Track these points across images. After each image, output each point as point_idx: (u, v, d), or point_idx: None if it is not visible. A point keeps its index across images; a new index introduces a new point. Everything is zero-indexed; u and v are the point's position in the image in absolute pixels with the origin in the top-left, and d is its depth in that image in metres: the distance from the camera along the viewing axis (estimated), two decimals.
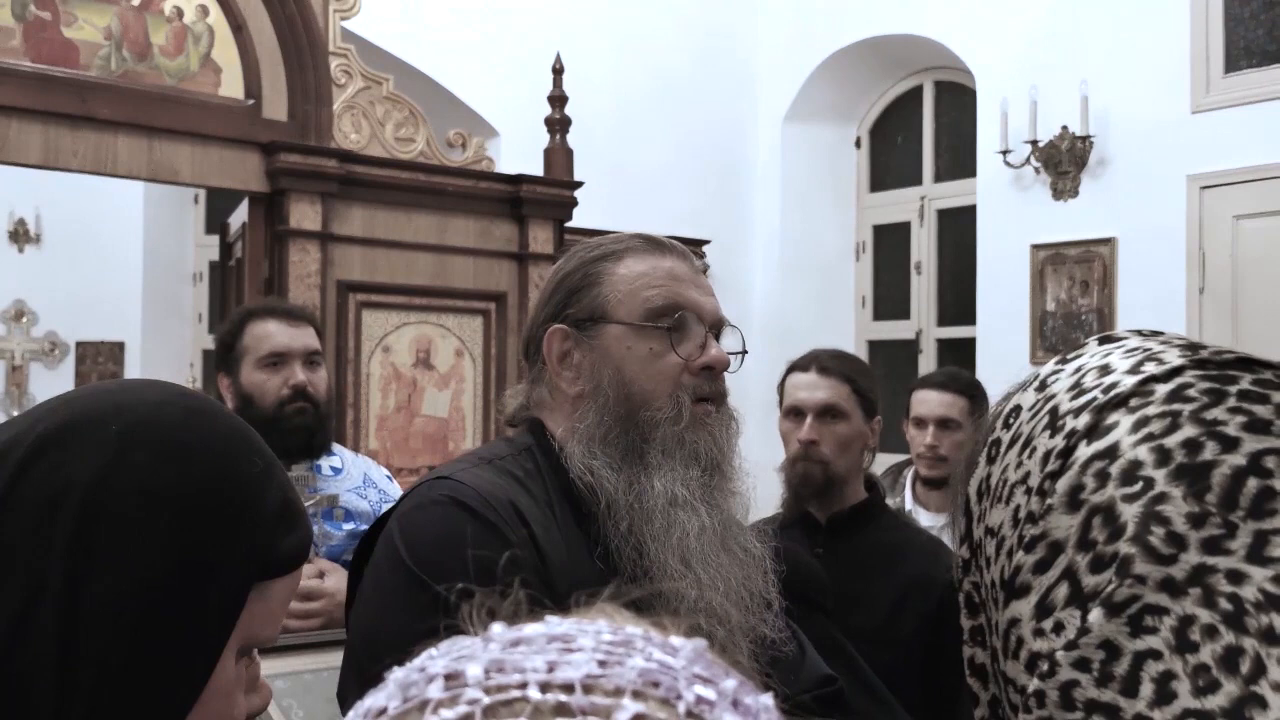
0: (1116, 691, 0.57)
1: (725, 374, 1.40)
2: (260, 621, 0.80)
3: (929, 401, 2.92)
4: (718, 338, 1.39)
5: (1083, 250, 5.45)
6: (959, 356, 6.34)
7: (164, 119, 3.53)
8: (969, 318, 6.13)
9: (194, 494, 0.76)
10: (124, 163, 3.51)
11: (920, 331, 6.61)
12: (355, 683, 1.22)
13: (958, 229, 6.43)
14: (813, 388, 2.22)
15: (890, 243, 6.86)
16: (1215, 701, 0.55)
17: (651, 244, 1.42)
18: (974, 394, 2.91)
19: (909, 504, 3.06)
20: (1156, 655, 0.57)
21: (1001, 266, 5.76)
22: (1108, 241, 5.37)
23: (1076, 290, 5.47)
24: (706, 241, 6.17)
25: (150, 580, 0.73)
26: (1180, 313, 5.01)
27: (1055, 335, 5.54)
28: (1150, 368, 0.65)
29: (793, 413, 2.24)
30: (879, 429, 2.29)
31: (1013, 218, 5.73)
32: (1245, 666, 0.55)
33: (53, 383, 6.62)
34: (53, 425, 0.77)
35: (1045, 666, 0.60)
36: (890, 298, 6.84)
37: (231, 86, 3.71)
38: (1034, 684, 0.60)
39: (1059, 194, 5.53)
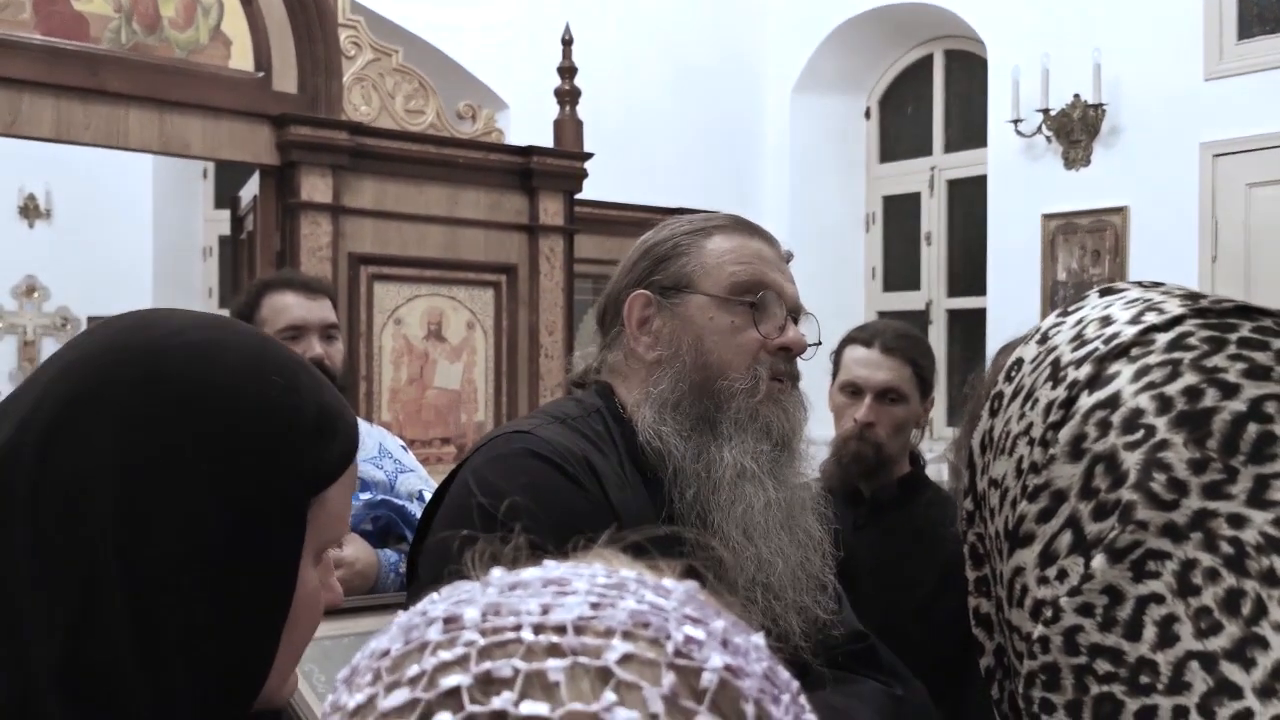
0: (1120, 635, 0.58)
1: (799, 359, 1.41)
2: (325, 527, 0.80)
3: None
4: (795, 323, 1.40)
5: (1094, 219, 5.43)
6: (969, 327, 6.33)
7: (175, 92, 3.54)
8: (979, 288, 6.12)
9: (224, 435, 0.74)
10: (135, 136, 3.52)
11: (930, 302, 6.60)
12: None
13: (968, 199, 6.41)
14: (874, 367, 2.15)
15: (900, 213, 6.83)
16: (1217, 643, 0.56)
17: (741, 224, 1.44)
18: None
19: None
20: (1159, 599, 0.57)
21: (1012, 236, 5.74)
22: (1120, 210, 5.34)
23: (1088, 259, 5.45)
24: (715, 213, 6.15)
25: (206, 531, 0.72)
26: (1193, 281, 4.99)
27: (1067, 305, 5.51)
28: (1151, 317, 0.65)
29: (850, 389, 2.18)
30: (931, 407, 2.25)
31: (1024, 187, 5.71)
32: (1246, 608, 0.56)
33: None
34: (59, 402, 0.74)
35: (1049, 613, 0.61)
36: (900, 269, 6.82)
37: (241, 59, 3.71)
38: (1038, 630, 0.61)
39: (1071, 163, 5.50)
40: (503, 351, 4.25)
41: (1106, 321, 0.67)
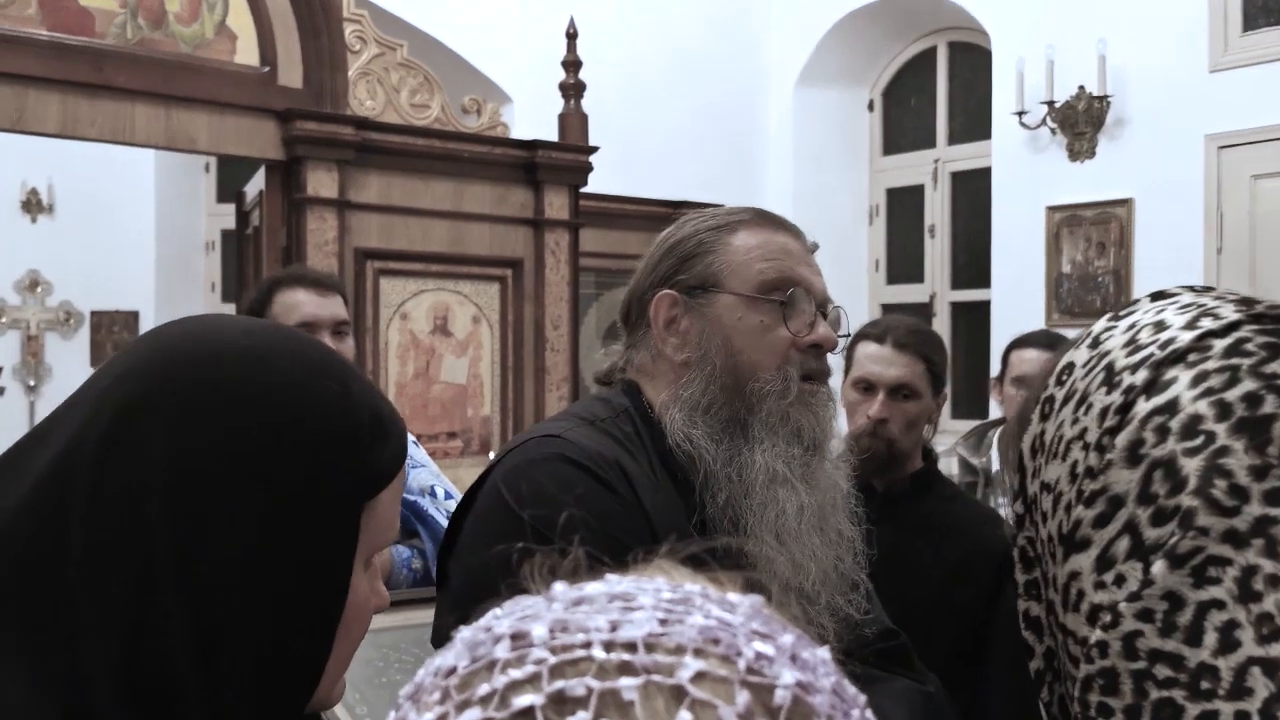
0: (1180, 641, 0.58)
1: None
2: (376, 532, 0.80)
3: (1033, 361, 2.84)
4: (824, 317, 1.38)
5: (1099, 211, 5.43)
6: (973, 320, 6.33)
7: (180, 87, 3.53)
8: (983, 281, 6.11)
9: (279, 440, 0.74)
10: (141, 131, 3.51)
11: (934, 295, 6.60)
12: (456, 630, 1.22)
13: (972, 192, 6.40)
14: (886, 363, 2.13)
15: (904, 206, 6.83)
16: (1279, 649, 0.56)
17: (766, 218, 1.42)
18: None
19: (996, 465, 3.00)
20: (1220, 605, 0.57)
21: (1016, 229, 5.74)
22: (1124, 202, 5.34)
23: (1093, 252, 5.45)
24: (718, 205, 6.14)
25: (261, 537, 0.72)
26: (1198, 273, 4.99)
27: (1071, 298, 5.52)
28: (1207, 323, 0.65)
29: (862, 385, 2.16)
30: (944, 402, 2.24)
31: (1028, 179, 5.70)
32: None
33: (68, 352, 6.65)
34: (115, 411, 0.74)
35: (1108, 618, 0.61)
36: (904, 261, 6.82)
37: (247, 54, 3.70)
38: (1096, 635, 0.61)
39: (1075, 155, 5.49)
40: (508, 346, 4.25)
41: (1161, 326, 0.67)
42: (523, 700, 0.42)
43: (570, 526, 0.78)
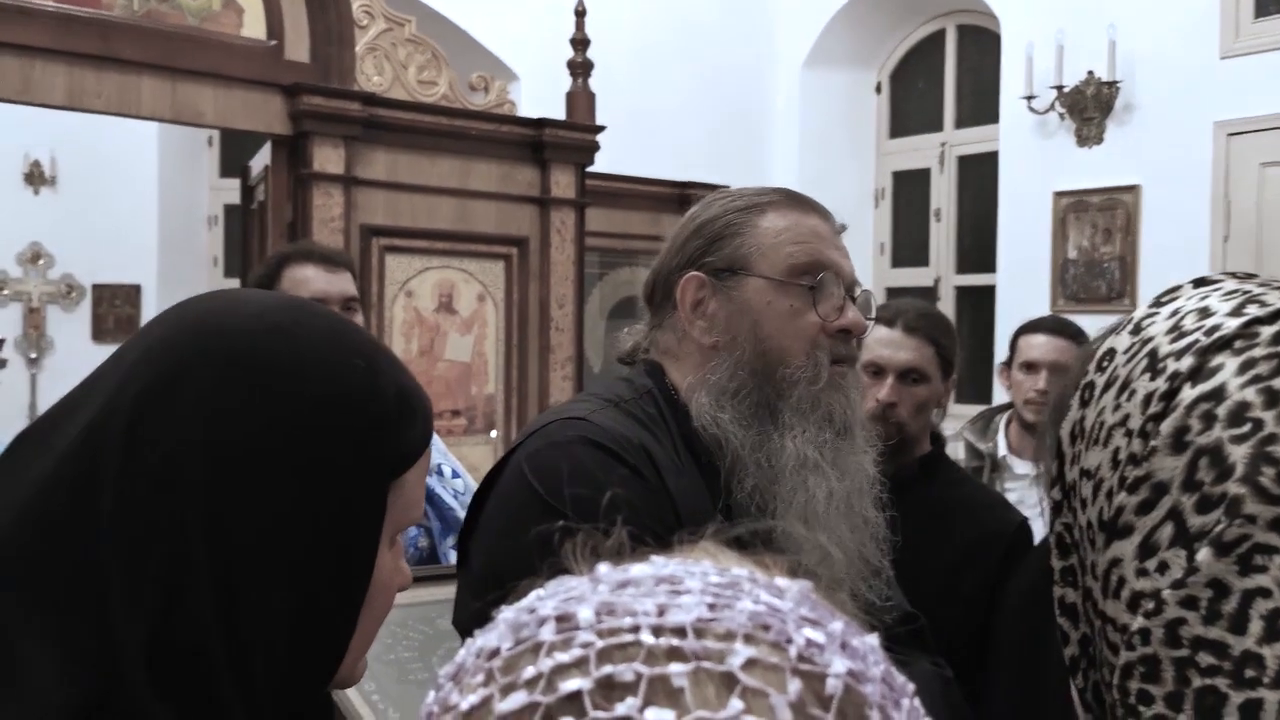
0: (1224, 629, 0.58)
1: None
2: (402, 511, 0.80)
3: (1042, 346, 2.83)
4: (852, 301, 1.37)
5: (1106, 198, 5.41)
6: (978, 304, 6.33)
7: (187, 60, 3.51)
8: (988, 265, 6.10)
9: (309, 417, 0.74)
10: (148, 104, 3.49)
11: (939, 279, 6.59)
12: (478, 612, 1.21)
13: (979, 176, 6.38)
14: (896, 347, 2.11)
15: (910, 189, 6.81)
16: None
17: (795, 200, 1.40)
18: (1083, 341, 2.84)
19: (1002, 450, 3.00)
20: (1266, 593, 0.57)
21: (1023, 214, 5.73)
22: (1132, 189, 5.33)
23: (1099, 238, 5.44)
24: (724, 187, 6.12)
25: (291, 513, 0.72)
26: (1204, 261, 4.98)
27: (1076, 283, 5.51)
28: (1253, 310, 0.65)
29: (871, 368, 2.13)
30: (953, 386, 2.23)
31: (1035, 164, 5.68)
32: None
33: (70, 326, 6.64)
34: (144, 384, 0.74)
35: (1150, 605, 0.60)
36: (909, 245, 6.81)
37: (253, 27, 3.68)
38: (1138, 622, 0.61)
39: (1083, 140, 5.47)
40: (513, 324, 4.24)
41: (1205, 313, 0.66)
42: (570, 685, 0.41)
43: (613, 507, 0.79)
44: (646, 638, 0.43)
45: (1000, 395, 3.89)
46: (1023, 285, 5.65)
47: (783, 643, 0.43)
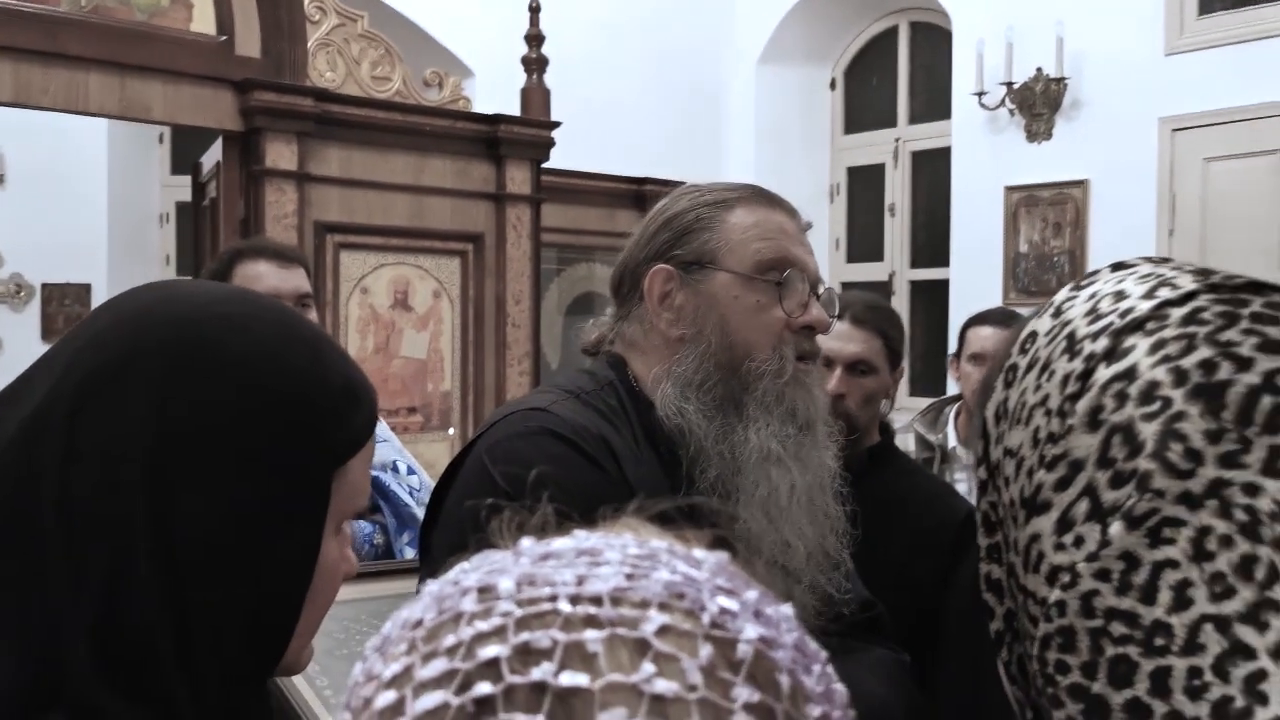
0: (1135, 599, 0.60)
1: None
2: (347, 498, 0.81)
3: (989, 338, 2.87)
4: (816, 298, 1.39)
5: (1055, 192, 5.49)
6: (932, 298, 6.39)
7: (135, 55, 3.47)
8: (942, 259, 6.17)
9: (254, 405, 0.75)
10: (95, 100, 3.45)
11: (894, 273, 6.65)
12: None
13: (932, 171, 6.45)
14: (844, 339, 2.13)
15: (864, 185, 6.87)
16: (1231, 606, 0.58)
17: (763, 196, 1.41)
18: None
19: (952, 441, 3.04)
20: (1174, 564, 0.59)
21: (975, 208, 5.80)
22: (1080, 183, 5.41)
23: (1049, 232, 5.52)
24: (680, 183, 6.13)
25: (235, 500, 0.73)
26: (1151, 254, 5.05)
27: (1028, 277, 5.59)
28: (1165, 292, 0.67)
29: (820, 360, 2.20)
30: (901, 377, 2.26)
31: (987, 160, 5.76)
32: (1260, 573, 0.58)
33: (19, 325, 6.54)
34: (87, 371, 0.74)
35: (1066, 578, 0.62)
36: (864, 240, 6.86)
37: (203, 22, 3.64)
38: (1055, 595, 0.63)
39: (1033, 136, 5.55)
40: (469, 321, 4.23)
41: (1120, 296, 0.68)
42: (488, 651, 0.43)
43: (540, 483, 0.80)
44: (564, 606, 0.44)
45: (954, 387, 3.94)
46: (975, 279, 5.72)
47: (696, 610, 0.45)
